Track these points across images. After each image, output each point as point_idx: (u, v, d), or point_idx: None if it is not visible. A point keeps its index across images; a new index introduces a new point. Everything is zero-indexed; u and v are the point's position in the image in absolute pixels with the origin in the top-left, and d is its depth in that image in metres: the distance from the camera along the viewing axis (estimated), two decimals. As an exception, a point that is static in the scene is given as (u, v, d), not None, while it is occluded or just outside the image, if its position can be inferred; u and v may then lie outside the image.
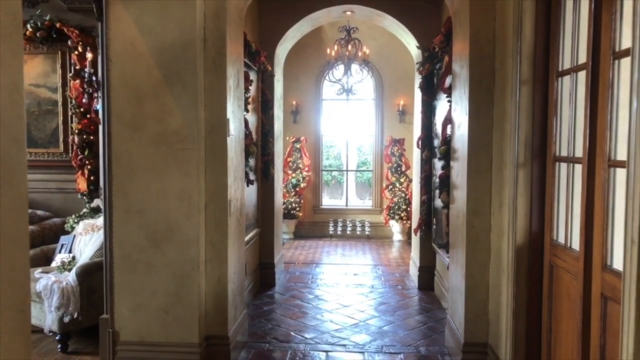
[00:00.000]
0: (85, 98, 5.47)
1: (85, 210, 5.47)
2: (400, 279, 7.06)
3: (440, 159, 5.25)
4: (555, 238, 3.17)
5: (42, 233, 5.55)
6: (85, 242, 4.99)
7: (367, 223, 10.27)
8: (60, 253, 5.10)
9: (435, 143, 5.84)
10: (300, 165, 10.14)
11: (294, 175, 10.07)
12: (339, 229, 10.24)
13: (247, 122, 5.33)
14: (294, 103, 10.23)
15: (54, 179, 6.13)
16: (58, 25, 5.82)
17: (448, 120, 4.84)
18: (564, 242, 3.03)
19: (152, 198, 3.87)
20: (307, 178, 10.18)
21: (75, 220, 5.33)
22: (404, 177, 9.85)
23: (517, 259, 3.41)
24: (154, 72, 3.82)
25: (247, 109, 5.29)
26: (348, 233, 10.23)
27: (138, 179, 3.88)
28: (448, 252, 4.78)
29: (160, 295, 3.91)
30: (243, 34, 4.67)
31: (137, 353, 3.92)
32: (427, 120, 6.17)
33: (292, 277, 7.16)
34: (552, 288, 3.18)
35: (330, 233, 10.24)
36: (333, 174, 12.81)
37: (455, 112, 4.37)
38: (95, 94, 5.43)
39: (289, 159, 10.05)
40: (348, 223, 10.30)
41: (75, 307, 4.34)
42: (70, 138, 6.00)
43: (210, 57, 3.97)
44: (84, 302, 4.39)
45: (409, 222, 9.23)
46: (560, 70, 3.12)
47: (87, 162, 5.82)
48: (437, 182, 5.59)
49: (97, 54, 5.46)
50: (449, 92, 4.69)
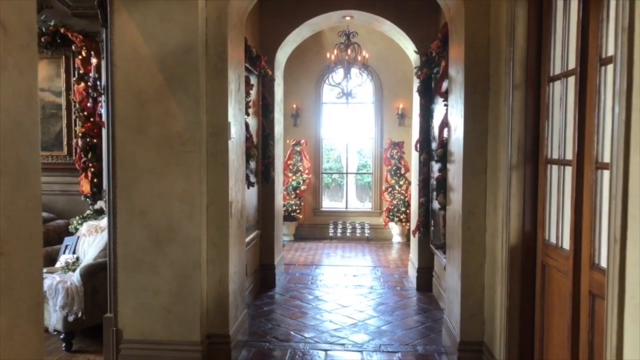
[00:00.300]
0: (90, 102, 5.57)
1: (89, 212, 5.57)
2: (399, 280, 7.15)
3: (438, 162, 5.35)
4: (547, 238, 3.26)
5: (46, 234, 5.64)
6: (89, 243, 5.09)
7: (366, 225, 10.36)
8: (65, 254, 5.20)
9: (433, 146, 5.93)
10: (301, 168, 10.24)
11: (294, 178, 10.17)
12: (339, 231, 10.34)
13: (247, 125, 5.43)
14: (295, 106, 10.33)
15: (58, 182, 6.23)
16: (62, 31, 5.93)
17: (445, 124, 4.94)
18: (555, 241, 3.12)
19: (155, 199, 3.97)
20: (307, 180, 10.28)
21: (79, 222, 5.43)
22: (403, 179, 9.94)
23: (510, 259, 3.50)
24: (157, 76, 3.92)
25: (248, 113, 5.39)
26: (348, 235, 10.32)
27: (141, 181, 3.97)
28: (445, 253, 4.87)
29: (163, 295, 4.00)
30: (244, 39, 4.77)
31: (140, 351, 4.01)
32: (425, 124, 6.27)
33: (292, 278, 7.25)
34: (544, 286, 3.27)
35: (330, 235, 10.33)
36: (333, 177, 12.90)
37: (452, 115, 4.47)
38: (100, 98, 5.53)
39: (290, 162, 10.15)
40: (348, 225, 10.39)
41: (80, 306, 4.43)
42: (74, 141, 6.10)
43: (212, 61, 4.07)
44: (88, 301, 4.48)
45: (408, 224, 9.32)
46: (552, 76, 3.21)
47: (90, 164, 5.91)
48: (434, 184, 5.68)
49: (101, 59, 5.57)
50: (446, 96, 4.79)
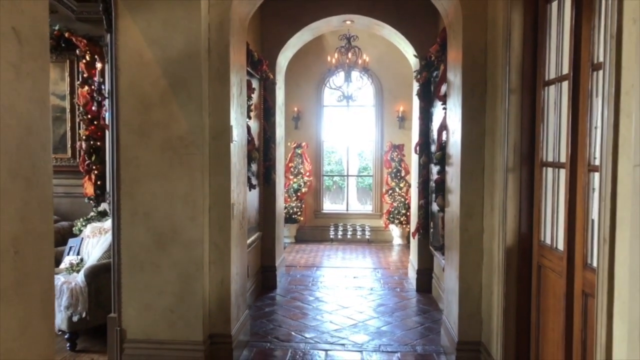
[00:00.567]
0: (95, 106, 5.66)
1: (93, 214, 5.64)
2: (399, 282, 7.22)
3: (436, 164, 5.42)
4: (543, 239, 3.33)
5: (50, 236, 5.71)
6: (93, 244, 5.16)
7: (367, 227, 10.43)
8: (69, 255, 5.27)
9: (433, 149, 5.99)
10: (302, 171, 10.31)
11: (295, 180, 10.24)
12: (340, 233, 10.40)
13: (249, 128, 5.50)
14: (296, 109, 10.41)
15: (62, 184, 6.30)
16: (67, 35, 6.02)
17: (443, 127, 5.02)
18: (550, 242, 3.19)
19: (158, 201, 4.04)
20: (308, 183, 10.36)
21: (83, 224, 5.51)
22: (404, 182, 10.01)
23: (507, 260, 3.57)
24: (161, 81, 4.00)
25: (249, 116, 5.47)
26: (348, 237, 10.39)
27: (145, 183, 4.05)
28: (444, 254, 4.94)
29: (166, 295, 4.07)
30: (246, 44, 4.86)
31: (143, 350, 4.08)
32: (424, 127, 6.34)
33: (293, 279, 7.32)
34: (540, 287, 3.34)
35: (331, 237, 10.40)
36: (334, 179, 12.98)
37: (450, 119, 4.54)
38: (104, 102, 5.62)
39: (291, 164, 10.23)
40: (349, 227, 10.46)
41: (84, 306, 4.50)
42: (78, 144, 6.19)
43: (215, 66, 4.15)
44: (92, 302, 4.55)
45: (409, 226, 9.38)
46: (547, 80, 3.29)
47: (94, 167, 6.00)
48: (433, 186, 5.75)
49: (105, 63, 5.65)
50: (445, 99, 4.86)
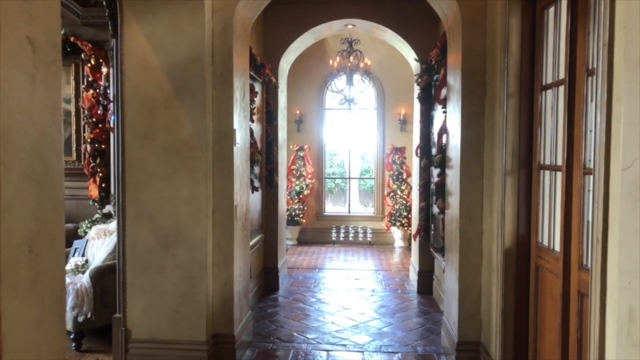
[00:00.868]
0: (100, 109, 5.74)
1: (98, 216, 5.72)
2: (401, 284, 7.27)
3: (437, 167, 5.48)
4: (540, 241, 3.39)
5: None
6: (98, 246, 5.23)
7: (369, 229, 10.49)
8: (74, 256, 5.35)
9: (433, 152, 6.05)
10: (304, 173, 10.38)
11: (298, 183, 10.31)
12: (342, 236, 10.46)
13: (252, 131, 5.57)
14: (298, 112, 10.48)
15: (67, 186, 6.26)
16: (72, 39, 6.11)
17: (443, 130, 5.08)
18: (548, 244, 3.25)
19: (162, 203, 4.11)
20: (310, 185, 10.43)
21: (88, 225, 5.58)
22: (405, 184, 10.06)
23: (505, 261, 3.63)
24: (165, 85, 4.08)
25: (252, 119, 5.54)
26: (350, 239, 10.44)
27: (150, 186, 4.12)
28: (444, 256, 4.99)
29: (170, 296, 4.14)
30: (249, 48, 4.93)
31: (148, 350, 4.15)
32: (425, 130, 6.40)
33: (295, 281, 7.38)
34: (537, 288, 3.40)
35: (333, 239, 10.46)
36: (336, 182, 13.04)
37: (450, 122, 4.61)
38: (110, 106, 5.70)
39: (293, 167, 10.30)
40: (350, 229, 10.52)
41: (89, 307, 4.57)
42: (83, 147, 6.27)
43: (218, 71, 4.22)
44: (97, 302, 4.62)
45: (410, 228, 9.43)
46: (544, 85, 3.35)
47: (98, 169, 6.08)
48: (434, 189, 5.81)
49: (110, 67, 5.74)
50: (445, 103, 4.92)
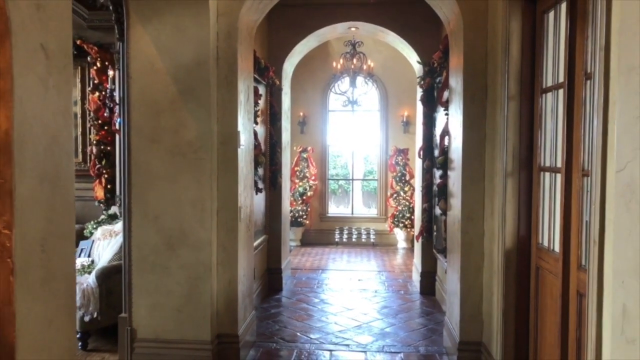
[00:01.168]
0: (107, 112, 5.81)
1: (103, 217, 5.78)
2: (403, 284, 7.31)
3: (439, 169, 5.52)
4: (541, 242, 3.43)
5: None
6: (104, 246, 5.30)
7: (372, 231, 10.53)
8: (80, 257, 5.41)
9: (436, 153, 6.10)
10: (307, 174, 10.43)
11: (301, 184, 10.36)
12: (345, 237, 10.51)
13: (256, 133, 5.63)
14: (301, 114, 10.54)
15: (73, 187, 6.44)
16: (78, 42, 6.17)
17: (446, 132, 5.12)
18: (548, 245, 3.29)
19: (168, 204, 4.17)
20: (313, 187, 10.48)
21: (94, 226, 5.65)
22: (408, 186, 10.10)
23: (506, 262, 3.67)
24: (171, 88, 4.14)
25: (256, 121, 5.60)
26: (353, 240, 10.49)
27: (155, 187, 4.18)
28: (446, 257, 5.04)
29: (175, 296, 4.19)
30: (253, 51, 4.99)
31: (153, 349, 4.20)
32: (428, 132, 6.44)
33: (298, 282, 7.43)
34: (538, 288, 3.44)
35: (336, 240, 10.51)
36: (340, 183, 13.08)
37: (452, 124, 4.65)
38: (116, 108, 5.77)
39: (296, 168, 10.36)
40: (354, 231, 10.56)
41: (95, 307, 4.64)
42: (89, 148, 6.35)
43: (223, 74, 4.28)
44: (103, 302, 4.69)
45: (413, 229, 9.47)
46: (544, 88, 3.39)
47: (104, 171, 6.15)
48: (436, 190, 5.85)
49: (115, 70, 5.80)
50: (447, 105, 4.97)
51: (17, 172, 1.48)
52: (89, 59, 6.23)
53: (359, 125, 11.09)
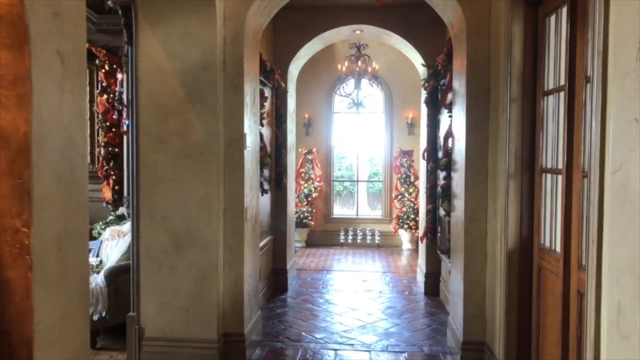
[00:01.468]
0: (116, 114, 5.89)
1: (111, 218, 5.86)
2: (408, 285, 7.36)
3: (443, 170, 5.57)
4: (542, 242, 3.48)
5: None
6: (112, 246, 5.38)
7: (377, 232, 10.58)
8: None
9: (440, 155, 6.14)
10: (312, 176, 10.50)
11: (306, 186, 10.43)
12: (350, 238, 10.56)
13: (262, 135, 5.70)
14: (307, 116, 10.61)
15: (81, 189, 6.52)
16: (87, 46, 6.25)
17: (449, 134, 5.17)
18: (549, 245, 3.34)
19: (175, 205, 4.24)
20: (318, 188, 10.54)
21: (102, 227, 5.73)
22: (413, 187, 10.14)
23: (508, 262, 3.71)
24: (178, 91, 4.21)
25: (262, 124, 5.67)
26: (358, 242, 10.54)
27: (162, 188, 4.25)
28: (450, 257, 5.08)
29: (182, 295, 4.26)
30: (259, 55, 5.06)
31: (160, 348, 4.27)
32: (432, 134, 6.49)
33: (303, 282, 7.49)
34: (540, 288, 3.49)
35: (341, 241, 10.56)
36: (345, 184, 13.14)
37: (455, 126, 4.71)
38: (124, 111, 5.85)
39: (302, 170, 10.42)
40: (358, 232, 10.61)
41: (104, 306, 4.71)
42: (97, 150, 6.42)
43: (229, 77, 4.35)
44: (111, 301, 4.76)
45: (417, 231, 9.51)
46: (546, 90, 3.44)
47: (112, 172, 6.23)
48: (440, 192, 5.90)
49: (124, 73, 5.89)
50: (450, 107, 5.02)
51: (35, 173, 1.55)
52: (97, 62, 6.31)
53: (364, 127, 11.15)
